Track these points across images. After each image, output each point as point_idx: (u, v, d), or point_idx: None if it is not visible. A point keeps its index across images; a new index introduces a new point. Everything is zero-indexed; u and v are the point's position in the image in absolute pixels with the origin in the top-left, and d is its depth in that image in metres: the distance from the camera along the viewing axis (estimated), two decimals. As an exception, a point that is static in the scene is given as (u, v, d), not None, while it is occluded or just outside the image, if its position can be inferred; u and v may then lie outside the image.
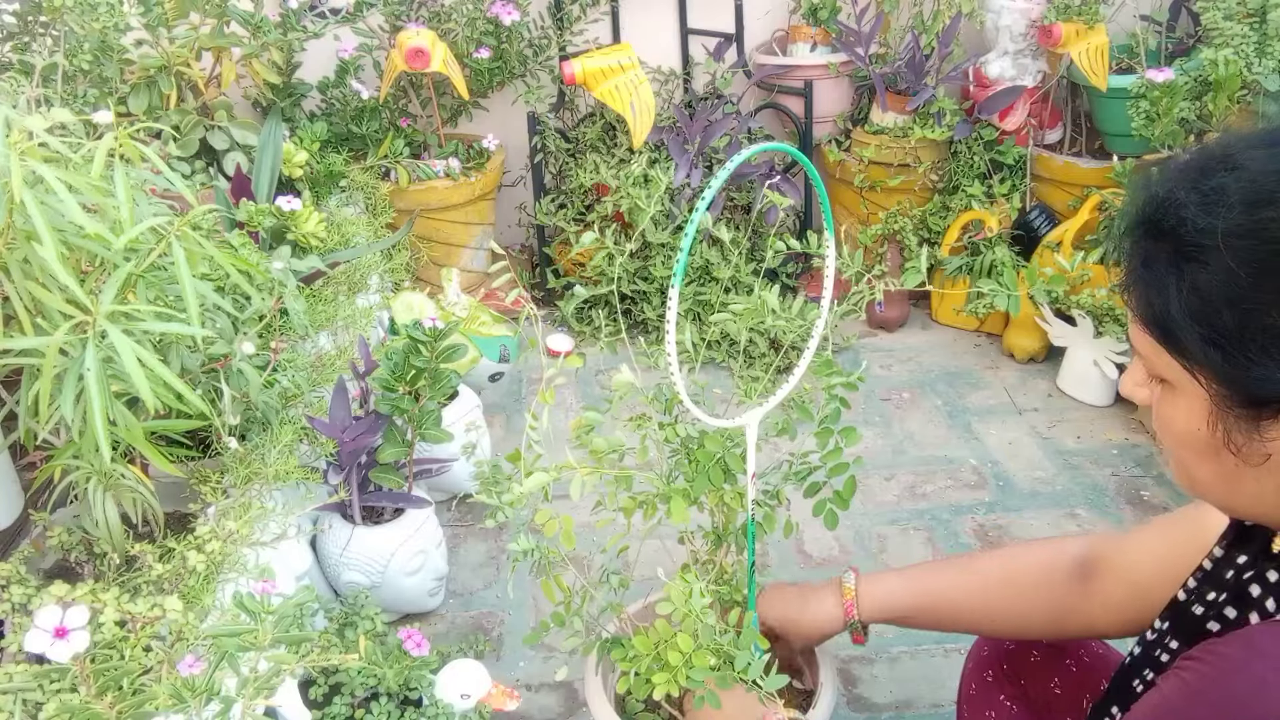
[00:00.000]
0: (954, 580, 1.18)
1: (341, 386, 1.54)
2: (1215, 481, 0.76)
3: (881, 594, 1.20)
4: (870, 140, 2.60)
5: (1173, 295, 0.70)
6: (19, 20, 2.06)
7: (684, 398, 0.96)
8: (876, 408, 2.34)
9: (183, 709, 0.88)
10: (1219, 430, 0.72)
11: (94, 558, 1.29)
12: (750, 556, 1.17)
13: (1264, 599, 0.75)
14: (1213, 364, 0.69)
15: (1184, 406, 0.74)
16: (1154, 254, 0.72)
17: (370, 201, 2.44)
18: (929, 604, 1.18)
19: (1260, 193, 0.67)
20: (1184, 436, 0.75)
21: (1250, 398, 0.69)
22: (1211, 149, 0.72)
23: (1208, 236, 0.67)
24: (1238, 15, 2.10)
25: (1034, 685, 1.15)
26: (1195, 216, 0.68)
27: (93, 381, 0.99)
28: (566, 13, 2.73)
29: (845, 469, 1.18)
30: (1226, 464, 0.73)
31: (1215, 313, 0.68)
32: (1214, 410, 0.71)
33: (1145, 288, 0.73)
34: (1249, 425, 0.70)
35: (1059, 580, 1.09)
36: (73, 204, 0.97)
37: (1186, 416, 0.74)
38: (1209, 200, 0.68)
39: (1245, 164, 0.69)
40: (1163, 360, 0.74)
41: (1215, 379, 0.70)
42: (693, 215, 0.84)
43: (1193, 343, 0.70)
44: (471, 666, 1.31)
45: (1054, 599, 1.09)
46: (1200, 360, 0.70)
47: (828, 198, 1.06)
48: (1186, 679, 0.71)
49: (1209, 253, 0.67)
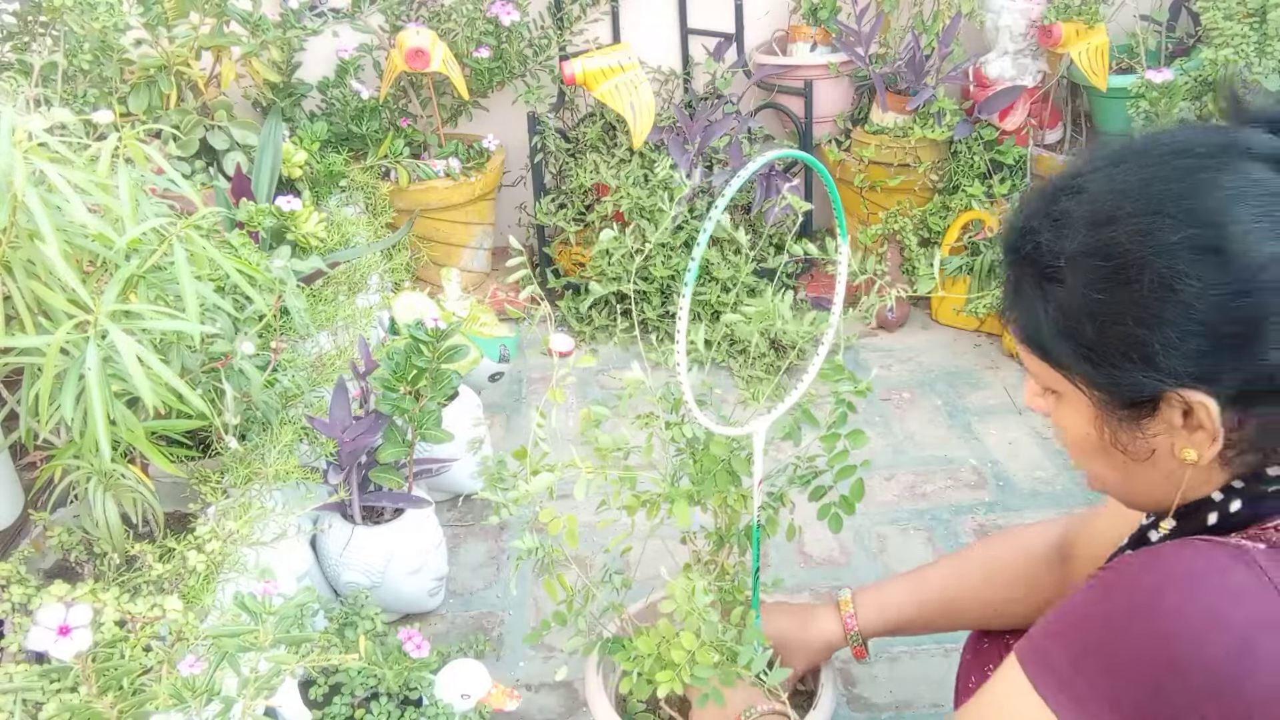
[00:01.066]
0: (943, 581, 1.21)
1: (341, 386, 1.54)
2: (1113, 478, 0.83)
3: (878, 605, 1.22)
4: (870, 140, 2.60)
5: (1041, 315, 0.76)
6: (19, 20, 2.06)
7: (691, 405, 0.96)
8: (877, 408, 2.34)
9: (183, 709, 0.88)
10: (1105, 432, 0.78)
11: (94, 558, 1.29)
12: (755, 562, 1.17)
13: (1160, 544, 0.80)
14: (1086, 374, 0.75)
15: (1072, 413, 0.80)
16: (1021, 279, 0.78)
17: (370, 201, 2.44)
18: (924, 609, 1.20)
19: (1099, 213, 0.72)
20: (1077, 441, 0.82)
21: (1125, 400, 0.74)
22: (1062, 175, 0.78)
23: (1060, 259, 0.74)
24: (1238, 15, 2.10)
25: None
26: (1048, 241, 0.75)
27: (94, 381, 0.99)
28: (566, 13, 2.73)
29: (852, 472, 1.18)
30: (1118, 462, 0.79)
31: (1079, 327, 0.73)
32: (1099, 414, 0.77)
33: (1019, 311, 0.79)
34: (1131, 425, 0.76)
35: (1039, 567, 1.13)
36: (78, 204, 0.97)
37: (1076, 422, 0.80)
38: (1057, 224, 0.74)
39: (1087, 186, 0.74)
40: (1047, 374, 0.80)
41: (1092, 386, 0.76)
42: (706, 223, 0.84)
43: (1065, 357, 0.76)
44: (471, 666, 1.31)
45: (1036, 586, 1.13)
46: (1076, 371, 0.76)
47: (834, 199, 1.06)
48: (1091, 583, 0.76)
49: (1064, 273, 0.73)
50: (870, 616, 1.21)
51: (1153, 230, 0.69)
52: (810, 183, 2.76)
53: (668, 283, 2.55)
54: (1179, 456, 0.74)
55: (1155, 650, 0.68)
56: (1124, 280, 0.70)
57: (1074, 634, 0.75)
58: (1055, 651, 0.75)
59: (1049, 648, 0.76)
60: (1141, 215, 0.70)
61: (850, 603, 1.22)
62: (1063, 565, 1.12)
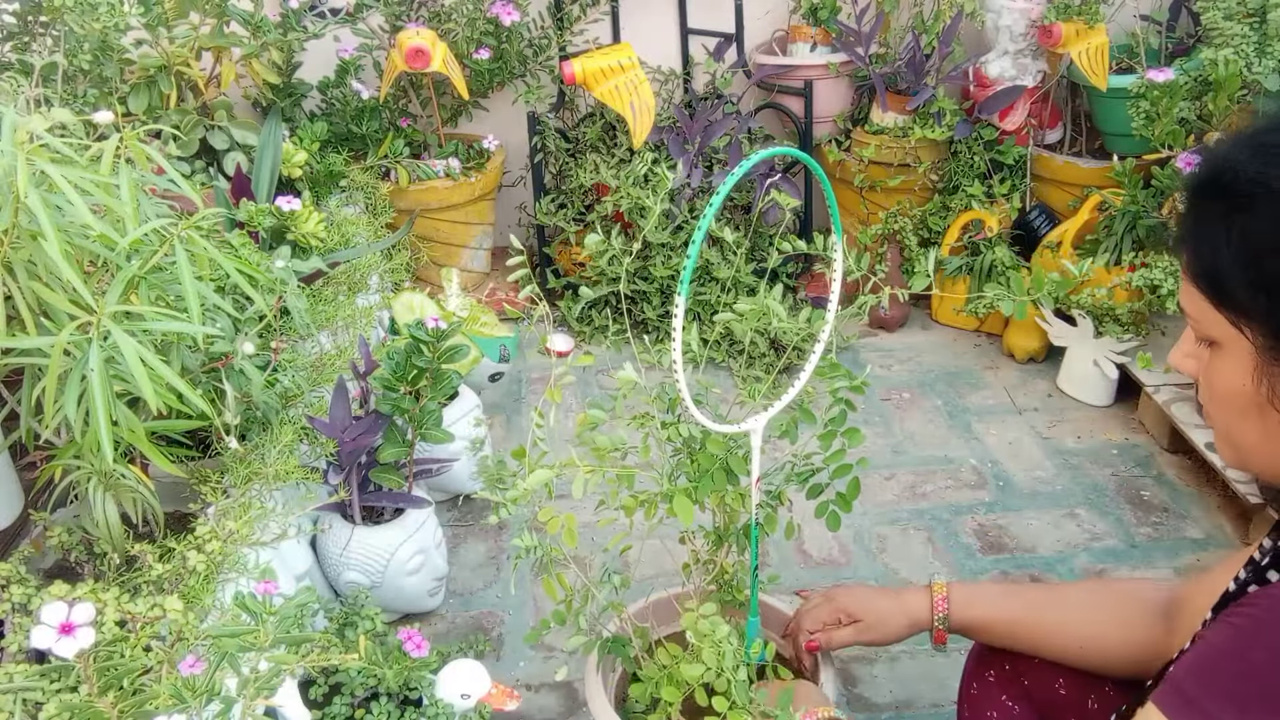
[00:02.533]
0: (1039, 598, 1.17)
1: (342, 386, 1.54)
2: (1261, 442, 0.77)
3: (968, 599, 1.18)
4: (870, 140, 2.60)
5: (1222, 246, 0.72)
6: (19, 20, 2.06)
7: (688, 404, 0.96)
8: (876, 408, 2.34)
9: (183, 709, 0.88)
10: (1264, 385, 0.73)
11: (94, 558, 1.29)
12: (753, 560, 1.17)
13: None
14: (1259, 311, 0.71)
15: (1230, 364, 0.75)
16: (1207, 211, 0.74)
17: (370, 201, 2.44)
18: (1010, 616, 1.16)
19: None
20: (1230, 396, 0.76)
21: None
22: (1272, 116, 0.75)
23: (1258, 186, 0.70)
24: (1238, 15, 2.10)
25: (1037, 686, 1.14)
26: (1248, 170, 0.71)
27: (96, 381, 0.99)
28: (566, 13, 2.73)
29: (849, 470, 1.18)
30: (1271, 423, 0.74)
31: (1262, 259, 0.70)
32: (1260, 364, 0.72)
33: (1197, 243, 0.75)
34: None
35: (1137, 618, 1.07)
36: (81, 204, 0.97)
37: (1233, 374, 0.75)
38: (1261, 154, 0.71)
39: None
40: (1210, 317, 0.75)
41: (1261, 330, 0.71)
42: (701, 221, 0.84)
43: (1240, 290, 0.71)
44: (471, 666, 1.31)
45: (1130, 634, 1.07)
46: (1247, 309, 0.72)
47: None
48: (1237, 624, 0.72)
49: (1259, 201, 0.69)
50: (959, 607, 1.18)
51: None
52: (810, 182, 2.76)
53: (667, 283, 2.55)
54: None
55: None
56: None
57: (1229, 678, 0.70)
58: (1209, 699, 0.70)
59: (1204, 703, 0.71)
60: None
61: (945, 587, 1.19)
62: (1165, 623, 1.05)
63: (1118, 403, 2.27)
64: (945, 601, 1.18)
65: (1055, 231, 2.42)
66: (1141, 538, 1.89)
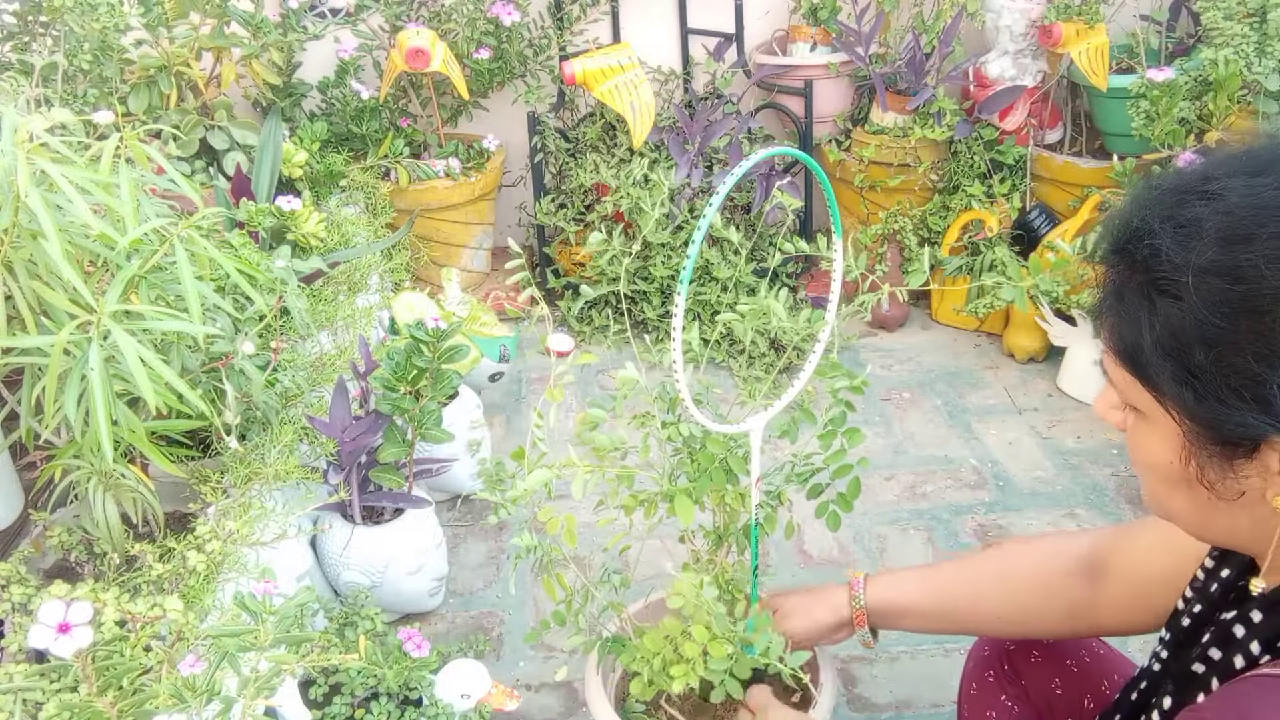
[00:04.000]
0: (955, 576, 1.17)
1: (341, 386, 1.54)
2: (1188, 511, 0.75)
3: (888, 583, 1.18)
4: (870, 140, 2.60)
5: (1145, 329, 0.68)
6: (19, 20, 2.06)
7: (688, 403, 0.96)
8: (876, 408, 2.34)
9: (183, 709, 0.88)
10: (1192, 465, 0.70)
11: (94, 557, 1.29)
12: (753, 560, 1.17)
13: (1248, 641, 0.74)
14: (1184, 402, 0.67)
15: (1157, 437, 0.72)
16: (1126, 285, 0.70)
17: (370, 201, 2.44)
18: (933, 598, 1.16)
19: (1237, 229, 0.64)
20: (1155, 467, 0.74)
21: (1225, 438, 0.67)
22: (1191, 174, 0.69)
23: (1181, 272, 0.65)
24: (1238, 15, 2.10)
25: (1035, 685, 1.14)
26: (1169, 249, 0.66)
27: (96, 381, 0.99)
28: (566, 13, 2.73)
29: (849, 470, 1.18)
30: (1199, 497, 0.72)
31: (1187, 351, 0.65)
32: (1187, 445, 0.70)
33: (1117, 319, 0.71)
34: (1223, 463, 0.68)
35: (1059, 579, 1.08)
36: (81, 204, 0.97)
37: (1160, 448, 0.72)
38: (1183, 232, 0.66)
39: (1223, 194, 0.65)
40: (1134, 391, 0.72)
41: (1187, 416, 0.68)
42: (700, 222, 0.84)
43: (1163, 379, 0.68)
44: (471, 666, 1.31)
45: (1056, 598, 1.08)
46: (1172, 396, 0.68)
47: (829, 197, 1.06)
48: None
49: (1182, 288, 0.65)
50: (879, 592, 1.17)
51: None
52: (809, 182, 2.76)
53: (667, 282, 2.55)
54: (1271, 504, 0.68)
55: None
56: (1253, 309, 0.62)
57: None
58: None
59: None
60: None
61: (861, 575, 1.19)
62: (1091, 581, 1.06)
63: (1118, 403, 2.27)
64: (860, 584, 1.17)
65: (1055, 231, 2.42)
66: (1141, 538, 1.89)
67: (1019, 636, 1.15)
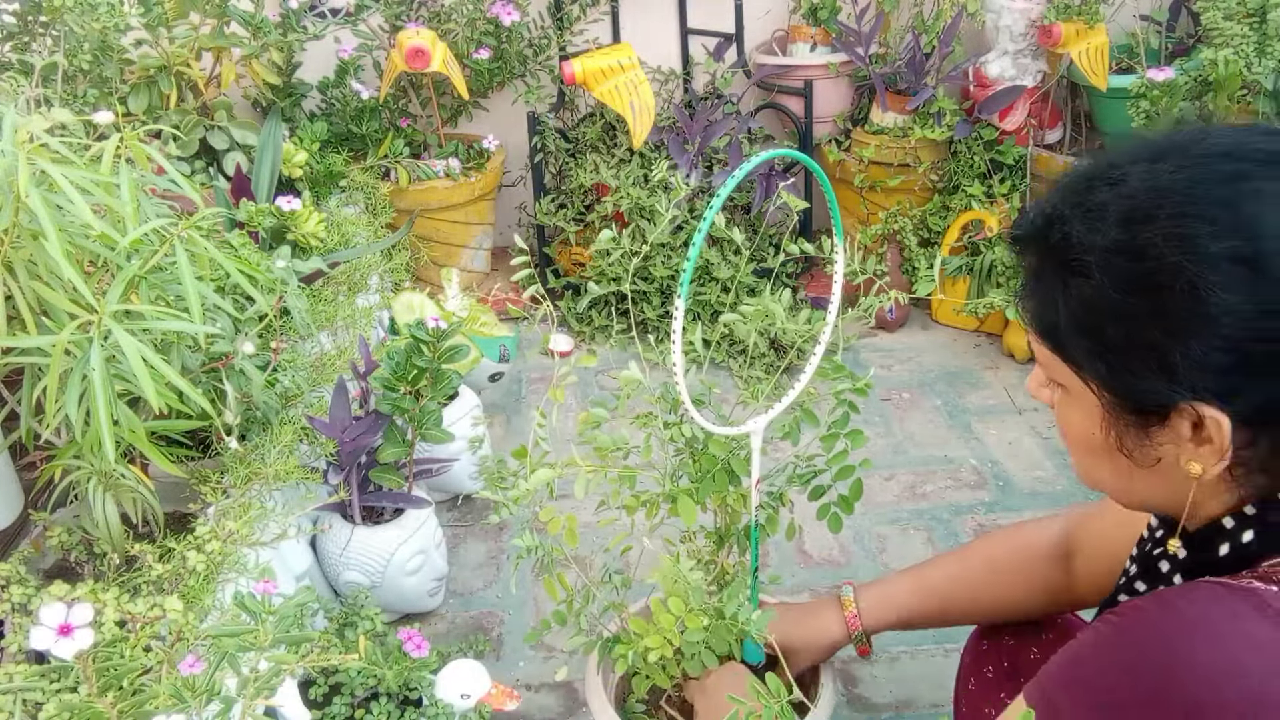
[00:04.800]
0: (945, 577, 1.21)
1: (341, 386, 1.54)
2: (1111, 479, 0.80)
3: (881, 600, 1.21)
4: (870, 140, 2.60)
5: (1060, 308, 0.72)
6: (19, 20, 2.06)
7: (688, 406, 0.96)
8: (876, 408, 2.34)
9: (183, 709, 0.88)
10: (1111, 434, 0.75)
11: (94, 558, 1.29)
12: (754, 561, 1.17)
13: (1170, 575, 0.80)
14: (1099, 374, 0.72)
15: (1079, 410, 0.77)
16: (1042, 267, 0.74)
17: (370, 201, 2.44)
18: (926, 602, 1.21)
19: (1137, 210, 0.68)
20: (1080, 439, 0.79)
21: (1136, 406, 0.72)
22: (1099, 162, 0.74)
23: (1089, 253, 0.69)
24: (1238, 15, 2.10)
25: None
26: (1077, 232, 0.70)
27: (98, 381, 0.99)
28: (566, 13, 2.73)
29: (851, 472, 1.18)
30: (1120, 465, 0.76)
31: (1099, 327, 0.70)
32: (1106, 416, 0.74)
33: (1035, 300, 0.76)
34: (1139, 432, 0.73)
35: (1039, 564, 1.14)
36: (81, 204, 0.97)
37: (1082, 420, 0.77)
38: (1090, 216, 0.70)
39: (1126, 179, 0.70)
40: (1057, 367, 0.77)
41: (1103, 388, 0.73)
42: (701, 224, 0.84)
43: (1080, 354, 0.73)
44: (471, 666, 1.31)
45: (1036, 582, 1.13)
46: (1089, 369, 0.73)
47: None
48: (1100, 629, 0.74)
49: (1090, 268, 0.69)
50: (874, 614, 1.21)
51: (1191, 236, 0.65)
52: (809, 182, 2.76)
53: (667, 283, 2.55)
54: (1184, 468, 0.72)
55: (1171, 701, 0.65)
56: (1154, 285, 0.67)
57: (1084, 686, 0.72)
58: (1065, 704, 0.73)
59: (1058, 701, 0.74)
60: (1181, 218, 0.66)
61: (853, 601, 1.22)
62: (1065, 562, 1.12)
63: (1118, 403, 2.27)
64: (857, 618, 1.21)
65: (1055, 231, 2.42)
66: (1142, 538, 1.89)
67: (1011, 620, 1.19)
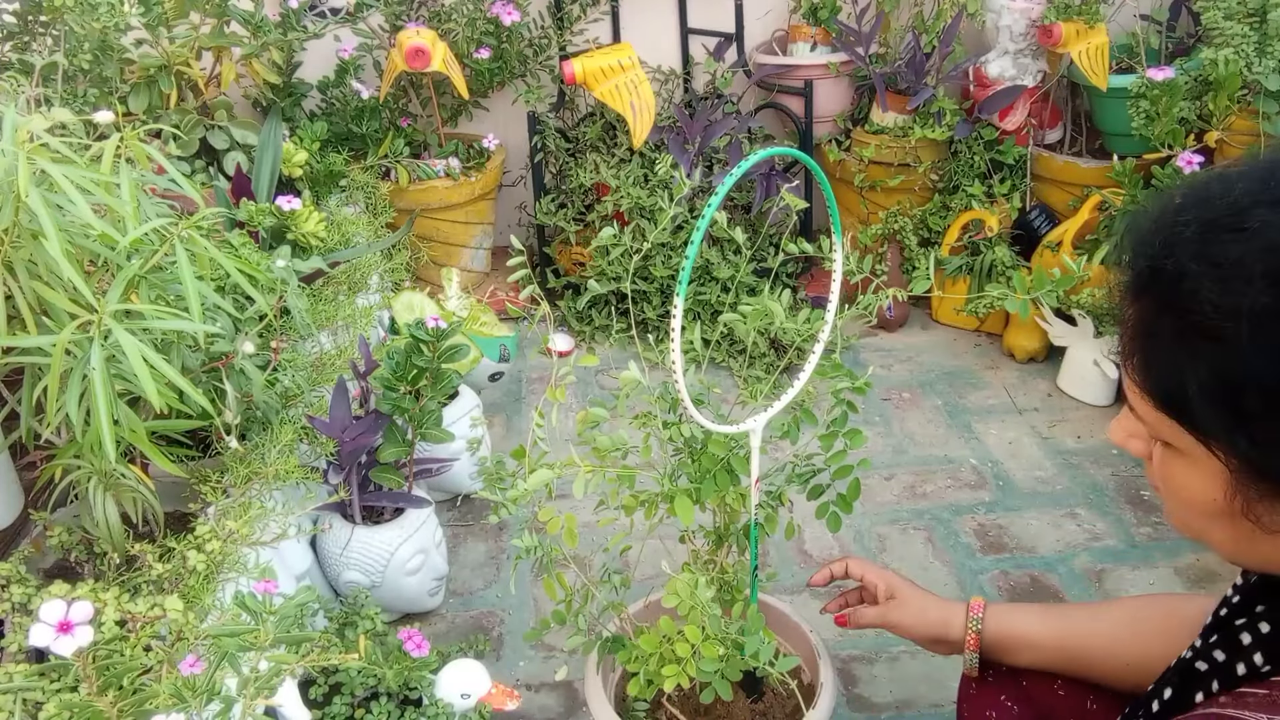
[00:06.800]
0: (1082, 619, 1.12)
1: (342, 386, 1.54)
2: (1230, 542, 0.72)
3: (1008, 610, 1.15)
4: (870, 140, 2.60)
5: (1189, 375, 0.64)
6: (19, 20, 2.06)
7: (688, 404, 0.96)
8: (876, 407, 2.34)
9: (183, 708, 0.88)
10: (1239, 501, 0.67)
11: (94, 557, 1.29)
12: (753, 560, 1.17)
13: (1251, 652, 0.73)
14: (1237, 446, 0.64)
15: (1197, 474, 0.68)
16: (1158, 327, 0.66)
17: (370, 201, 2.44)
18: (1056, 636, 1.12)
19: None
20: (1195, 503, 0.70)
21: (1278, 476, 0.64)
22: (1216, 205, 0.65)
23: (1229, 317, 0.61)
24: (1238, 15, 2.10)
25: (1036, 687, 1.14)
26: (1213, 294, 0.61)
27: (98, 380, 0.99)
28: (566, 13, 2.73)
29: (849, 472, 1.18)
30: (1242, 529, 0.69)
31: (1239, 396, 0.62)
32: (1234, 483, 0.66)
33: (1152, 362, 0.67)
34: (1274, 500, 0.65)
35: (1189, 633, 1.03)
36: (81, 204, 0.97)
37: (1201, 485, 0.69)
38: (1223, 273, 0.61)
39: (1258, 228, 0.61)
40: (1168, 428, 0.68)
41: (1239, 459, 0.64)
42: (700, 222, 0.84)
43: (1211, 424, 0.64)
44: (471, 666, 1.31)
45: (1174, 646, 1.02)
46: (1224, 441, 0.64)
47: (829, 197, 1.06)
48: None
49: (1229, 333, 0.61)
50: (998, 619, 1.14)
51: None
52: (809, 182, 2.76)
53: (667, 282, 2.55)
54: None
55: None
56: None
57: None
58: None
59: None
60: None
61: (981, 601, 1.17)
62: None
63: (1118, 402, 2.27)
64: (981, 608, 1.15)
65: (1055, 231, 2.42)
66: (1141, 538, 1.89)
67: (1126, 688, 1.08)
